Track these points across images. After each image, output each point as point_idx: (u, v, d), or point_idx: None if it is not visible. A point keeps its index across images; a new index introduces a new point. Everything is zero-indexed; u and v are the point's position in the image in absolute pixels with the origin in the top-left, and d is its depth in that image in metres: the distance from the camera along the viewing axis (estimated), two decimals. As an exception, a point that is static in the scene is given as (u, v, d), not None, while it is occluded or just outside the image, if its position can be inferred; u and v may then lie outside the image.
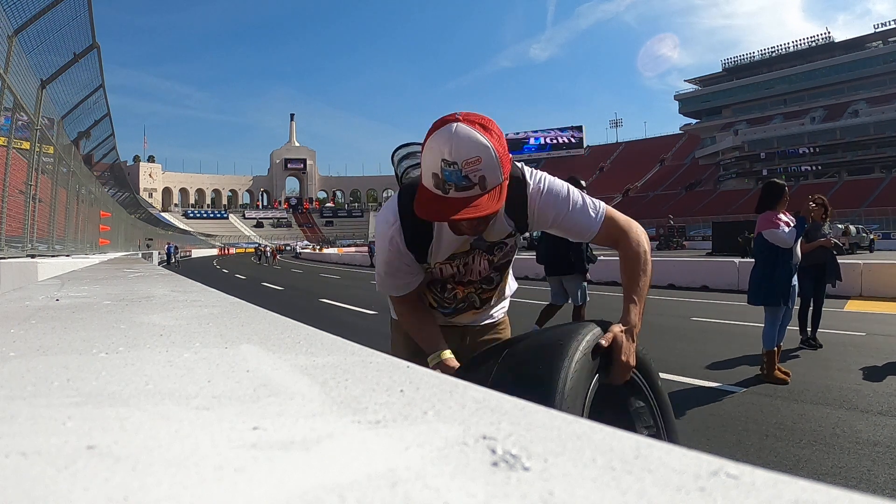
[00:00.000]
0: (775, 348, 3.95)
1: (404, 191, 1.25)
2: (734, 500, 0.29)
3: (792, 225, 3.96)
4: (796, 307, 4.44)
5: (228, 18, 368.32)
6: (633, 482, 0.31)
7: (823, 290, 5.10)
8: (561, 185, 1.25)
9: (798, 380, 3.88)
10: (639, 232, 1.25)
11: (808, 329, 5.06)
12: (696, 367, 4.36)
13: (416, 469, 0.34)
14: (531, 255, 7.39)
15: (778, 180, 4.17)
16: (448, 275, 1.35)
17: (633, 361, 1.11)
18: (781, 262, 3.94)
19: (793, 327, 5.08)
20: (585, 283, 4.84)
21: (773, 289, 3.94)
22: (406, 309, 1.38)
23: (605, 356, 1.09)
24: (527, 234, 1.36)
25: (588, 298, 4.94)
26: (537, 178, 1.23)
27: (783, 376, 3.88)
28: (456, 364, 1.27)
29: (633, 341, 1.13)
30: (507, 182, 1.09)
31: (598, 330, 1.12)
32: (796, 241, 3.94)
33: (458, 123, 1.01)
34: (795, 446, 2.70)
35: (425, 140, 1.05)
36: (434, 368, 1.25)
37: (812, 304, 5.04)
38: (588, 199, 1.25)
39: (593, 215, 1.23)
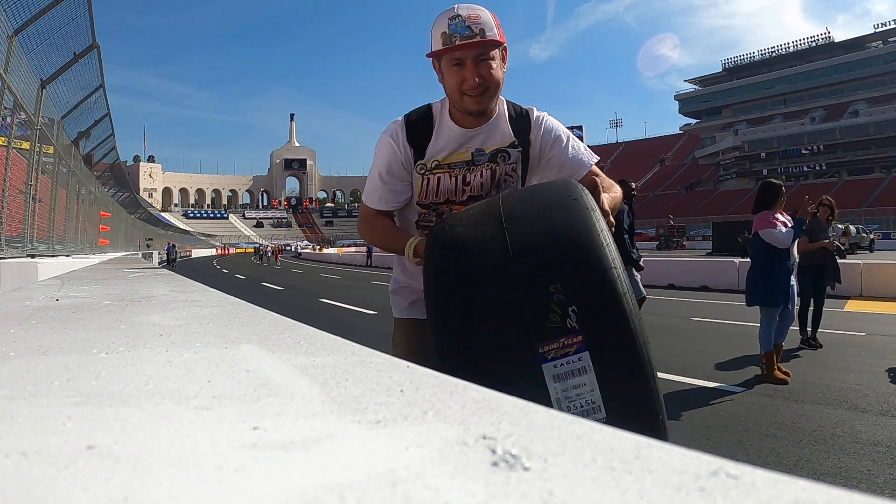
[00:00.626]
0: (773, 349, 3.93)
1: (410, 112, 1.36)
2: (734, 500, 0.29)
3: (789, 225, 3.94)
4: (796, 307, 4.44)
5: (228, 18, 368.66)
6: (633, 482, 0.31)
7: (824, 290, 5.10)
8: (561, 124, 1.40)
9: (798, 380, 3.88)
10: (613, 181, 1.42)
11: (808, 329, 5.06)
12: (696, 367, 4.36)
13: (416, 469, 0.34)
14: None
15: (774, 180, 4.15)
16: (445, 189, 1.33)
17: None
18: (778, 262, 3.91)
19: (793, 327, 5.07)
20: (638, 276, 4.55)
21: (771, 289, 3.92)
22: (381, 221, 1.39)
23: None
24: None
25: (644, 293, 4.64)
26: (541, 112, 1.39)
27: (783, 376, 3.86)
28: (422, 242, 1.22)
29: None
30: (504, 51, 1.27)
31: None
32: (793, 242, 3.92)
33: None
34: (795, 446, 2.70)
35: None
36: (414, 256, 1.24)
37: (812, 305, 5.04)
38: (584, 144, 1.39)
39: (587, 156, 1.37)
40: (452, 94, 1.26)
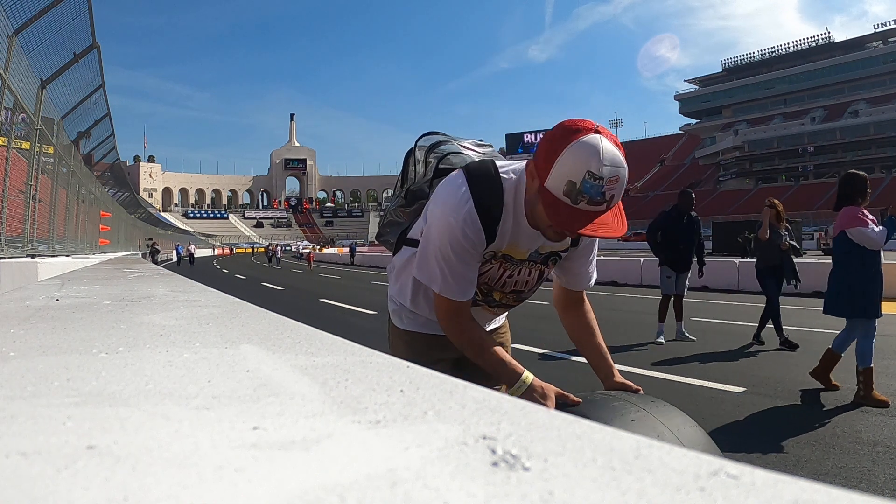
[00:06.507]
0: (871, 365, 3.37)
1: (473, 177, 1.17)
2: (734, 500, 0.29)
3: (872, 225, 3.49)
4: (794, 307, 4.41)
5: (229, 20, 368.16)
6: (633, 482, 0.31)
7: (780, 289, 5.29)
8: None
9: (797, 380, 3.88)
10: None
11: (763, 327, 5.22)
12: (696, 367, 4.36)
13: (416, 469, 0.34)
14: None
15: (858, 171, 3.67)
16: (493, 276, 1.28)
17: None
18: (871, 265, 3.43)
19: (769, 325, 5.13)
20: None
21: (868, 298, 3.41)
22: (477, 328, 1.23)
23: None
24: None
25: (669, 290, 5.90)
26: None
27: (884, 399, 3.30)
28: (552, 388, 1.12)
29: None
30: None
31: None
32: (887, 241, 3.47)
33: (604, 137, 0.99)
34: (795, 446, 2.70)
35: (557, 141, 1.00)
36: (525, 396, 1.10)
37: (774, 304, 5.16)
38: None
39: (594, 279, 1.38)
40: (539, 219, 1.13)
